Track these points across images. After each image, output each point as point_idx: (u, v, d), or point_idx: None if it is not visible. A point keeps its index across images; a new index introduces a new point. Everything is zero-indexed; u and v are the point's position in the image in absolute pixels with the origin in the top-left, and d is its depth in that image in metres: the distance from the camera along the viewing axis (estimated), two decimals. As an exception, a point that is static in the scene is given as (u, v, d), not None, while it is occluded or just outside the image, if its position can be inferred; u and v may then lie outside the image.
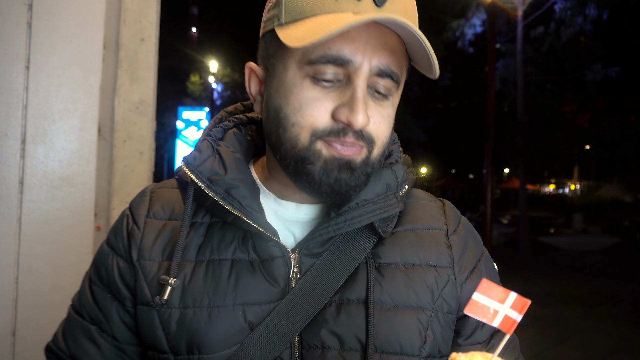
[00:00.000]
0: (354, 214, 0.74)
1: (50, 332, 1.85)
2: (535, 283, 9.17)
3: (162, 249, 0.79)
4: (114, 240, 0.83)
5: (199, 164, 0.77)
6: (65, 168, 1.76)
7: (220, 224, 0.79)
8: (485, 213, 10.89)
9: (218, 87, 25.15)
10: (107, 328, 0.81)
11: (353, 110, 0.68)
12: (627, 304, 7.83)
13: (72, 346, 0.83)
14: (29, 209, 1.72)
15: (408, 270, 0.78)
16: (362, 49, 0.68)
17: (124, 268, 0.80)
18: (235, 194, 0.75)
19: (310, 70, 0.69)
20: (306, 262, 0.76)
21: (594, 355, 5.46)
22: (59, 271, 1.74)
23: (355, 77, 0.68)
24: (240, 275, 0.75)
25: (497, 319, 0.55)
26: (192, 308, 0.74)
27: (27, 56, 1.71)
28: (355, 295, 0.75)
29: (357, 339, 0.73)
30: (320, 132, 0.70)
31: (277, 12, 0.72)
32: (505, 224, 18.87)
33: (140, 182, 1.92)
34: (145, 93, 1.93)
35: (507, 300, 0.55)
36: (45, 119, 1.74)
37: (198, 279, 0.75)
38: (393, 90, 0.73)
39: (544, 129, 13.68)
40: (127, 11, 1.91)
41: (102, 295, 0.82)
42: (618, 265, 11.81)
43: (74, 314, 0.86)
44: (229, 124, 0.86)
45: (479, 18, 16.46)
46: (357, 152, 0.72)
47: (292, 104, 0.71)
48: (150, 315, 0.76)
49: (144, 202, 0.84)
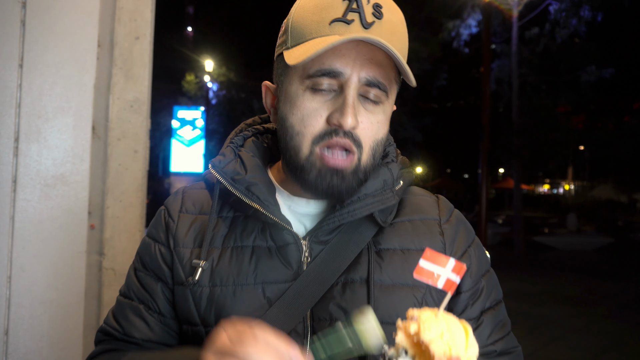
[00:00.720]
0: (355, 206, 0.87)
1: (44, 332, 1.84)
2: (529, 282, 9.22)
3: (193, 238, 0.93)
4: (154, 232, 0.98)
5: (224, 166, 0.92)
6: (59, 167, 1.76)
7: (242, 217, 0.93)
8: (480, 213, 10.93)
9: (213, 86, 25.07)
10: (153, 306, 0.94)
11: (343, 113, 0.81)
12: (620, 303, 7.89)
13: (124, 324, 0.95)
14: (22, 207, 1.71)
15: (404, 254, 0.90)
16: (352, 63, 0.81)
17: (165, 253, 0.94)
18: (254, 190, 0.89)
19: (309, 83, 0.84)
20: (315, 248, 0.89)
21: (587, 354, 5.50)
22: (52, 270, 1.73)
23: (346, 86, 0.82)
24: (260, 259, 0.88)
25: (440, 281, 0.65)
26: (219, 286, 0.87)
27: (20, 54, 1.70)
28: (358, 276, 0.87)
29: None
30: (317, 137, 0.84)
31: (285, 38, 0.87)
32: (500, 223, 18.95)
33: (135, 181, 1.92)
34: (139, 91, 1.93)
35: (448, 265, 0.66)
36: (39, 117, 1.73)
37: (224, 262, 0.89)
38: (383, 99, 0.86)
39: (539, 129, 13.74)
40: (122, 9, 1.90)
41: (148, 279, 0.95)
42: (611, 264, 11.89)
43: (123, 298, 0.98)
44: (248, 133, 1.02)
45: (474, 19, 16.49)
46: (348, 163, 0.85)
47: (296, 114, 0.85)
48: (184, 293, 0.89)
49: (177, 200, 1.00)
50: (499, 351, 0.92)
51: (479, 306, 0.93)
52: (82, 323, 1.78)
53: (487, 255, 1.00)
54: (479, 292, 0.94)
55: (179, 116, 23.54)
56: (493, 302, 0.96)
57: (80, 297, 1.77)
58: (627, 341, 6.02)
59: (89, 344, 1.82)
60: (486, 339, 0.91)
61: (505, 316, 0.97)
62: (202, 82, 24.90)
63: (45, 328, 1.72)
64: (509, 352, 0.94)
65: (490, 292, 0.96)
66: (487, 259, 1.00)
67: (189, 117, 24.32)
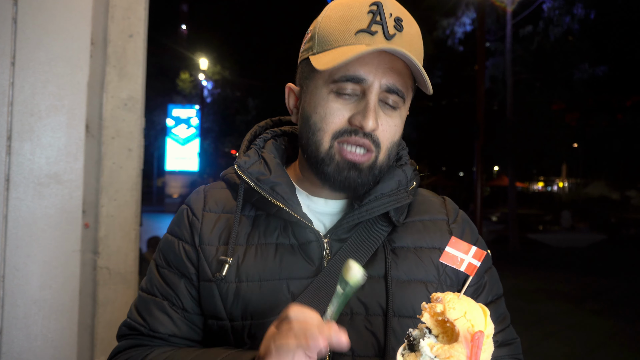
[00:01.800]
0: (373, 204, 0.94)
1: (38, 331, 1.83)
2: (524, 279, 9.27)
3: (218, 236, 0.97)
4: (178, 230, 1.01)
5: (249, 166, 0.97)
6: (53, 165, 1.75)
7: (264, 216, 0.98)
8: (475, 210, 10.97)
9: (208, 85, 24.98)
10: (177, 302, 0.97)
11: (365, 116, 0.89)
12: (613, 299, 7.96)
13: (149, 320, 0.97)
14: (15, 206, 1.70)
15: (417, 251, 0.97)
16: (374, 70, 0.89)
17: (189, 250, 0.98)
18: (279, 190, 0.94)
19: (334, 87, 0.91)
20: (335, 245, 0.95)
21: (581, 350, 5.55)
22: (46, 269, 1.72)
23: (369, 92, 0.89)
24: (284, 255, 0.93)
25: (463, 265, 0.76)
26: (246, 282, 0.92)
27: (12, 52, 1.69)
28: (376, 272, 0.94)
29: (379, 305, 0.91)
30: (337, 133, 0.91)
31: (312, 45, 0.93)
32: (495, 221, 19.04)
33: (129, 179, 1.91)
34: (133, 90, 1.92)
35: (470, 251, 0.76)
36: (31, 115, 1.72)
37: (249, 259, 0.93)
38: (400, 104, 0.93)
39: (533, 127, 13.80)
40: (115, 7, 1.89)
41: (171, 276, 0.98)
42: (604, 261, 11.98)
43: (146, 295, 1.00)
44: (268, 136, 1.07)
45: (468, 17, 16.53)
46: (365, 159, 0.91)
47: (319, 113, 0.92)
48: (211, 289, 0.93)
49: (199, 199, 1.03)
50: (500, 342, 0.98)
51: (482, 300, 0.99)
52: (76, 322, 1.77)
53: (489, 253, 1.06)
54: (482, 286, 1.00)
55: (173, 114, 23.45)
56: (494, 296, 1.03)
57: (74, 296, 1.77)
58: (620, 336, 6.08)
59: (83, 343, 1.82)
60: None
61: (505, 310, 1.04)
62: (197, 81, 24.81)
63: (40, 327, 1.71)
64: (509, 343, 1.01)
65: (492, 287, 1.02)
66: (489, 256, 1.06)
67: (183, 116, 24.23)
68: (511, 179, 14.79)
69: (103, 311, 1.87)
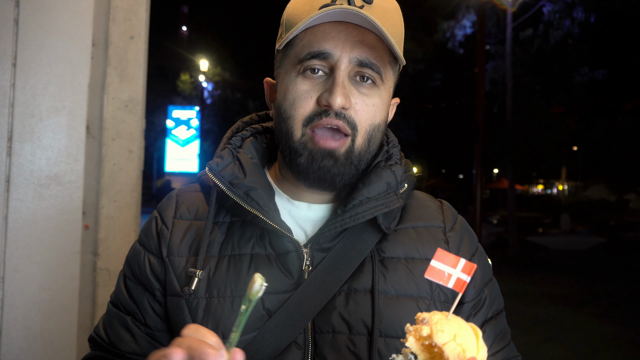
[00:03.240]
0: (358, 210, 0.84)
1: (38, 332, 1.83)
2: (523, 282, 9.26)
3: (188, 246, 0.89)
4: (145, 240, 0.94)
5: (221, 169, 0.88)
6: (53, 166, 1.75)
7: (239, 223, 0.90)
8: (475, 213, 10.97)
9: (208, 86, 24.99)
10: (140, 317, 0.91)
11: (332, 92, 0.80)
12: (612, 303, 7.95)
13: (110, 335, 0.92)
14: (16, 207, 1.70)
15: (409, 263, 0.87)
16: (341, 45, 0.82)
17: (155, 263, 0.90)
18: (253, 196, 0.86)
19: (300, 67, 0.83)
20: (317, 255, 0.86)
21: (580, 353, 5.54)
22: (46, 270, 1.72)
23: (336, 67, 0.82)
24: (259, 268, 0.84)
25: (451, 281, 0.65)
26: (217, 297, 0.83)
27: (14, 53, 1.69)
28: (362, 285, 0.84)
29: (364, 324, 0.82)
30: (307, 119, 0.83)
31: (281, 31, 0.87)
32: (494, 223, 19.03)
33: (129, 181, 1.91)
34: (134, 91, 1.92)
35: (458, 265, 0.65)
36: (32, 116, 1.72)
37: (221, 272, 0.85)
38: (378, 81, 0.85)
39: (533, 130, 13.82)
40: (116, 9, 1.89)
41: (135, 289, 0.92)
42: (604, 264, 11.98)
43: (112, 307, 0.95)
44: (247, 133, 0.98)
45: (469, 20, 16.57)
46: (340, 144, 0.83)
47: (288, 99, 0.85)
48: (179, 304, 0.85)
49: (170, 205, 0.95)
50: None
51: (481, 316, 0.91)
52: (76, 324, 1.77)
53: (489, 263, 0.98)
54: (481, 302, 0.91)
55: (173, 116, 23.44)
56: (495, 311, 0.94)
57: (74, 298, 1.76)
58: (619, 340, 6.07)
59: (82, 345, 1.81)
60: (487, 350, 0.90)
61: (506, 325, 0.96)
62: (197, 82, 24.82)
63: (39, 329, 1.71)
64: None
65: (493, 301, 0.93)
66: (490, 267, 0.98)
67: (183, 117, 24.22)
68: (511, 181, 14.80)
69: (102, 313, 1.86)
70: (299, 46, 0.84)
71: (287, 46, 0.87)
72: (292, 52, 0.85)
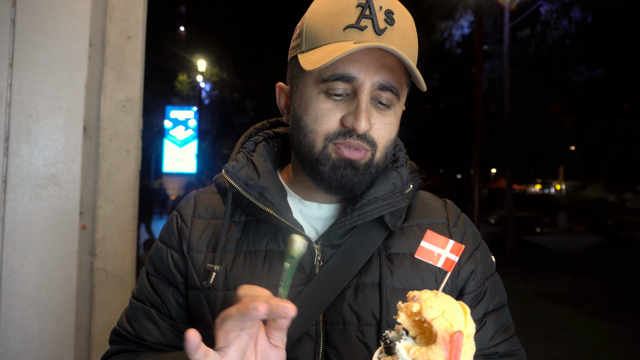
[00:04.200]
0: (366, 209, 0.89)
1: (35, 333, 1.83)
2: (521, 281, 9.28)
3: (207, 243, 0.95)
4: (167, 237, 0.99)
5: (237, 171, 0.94)
6: (50, 166, 1.74)
7: (254, 222, 0.95)
8: (473, 212, 10.99)
9: (206, 86, 24.97)
10: (164, 310, 0.96)
11: (357, 118, 0.84)
12: (610, 302, 7.97)
13: (136, 327, 0.96)
14: (13, 208, 1.69)
15: (414, 258, 0.89)
16: (365, 68, 0.84)
17: (177, 258, 0.96)
18: (267, 195, 0.91)
19: (324, 87, 0.86)
20: (328, 252, 0.91)
21: (578, 353, 5.55)
22: (43, 271, 1.72)
23: (360, 91, 0.85)
24: (273, 263, 0.90)
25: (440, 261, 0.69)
26: (234, 290, 0.88)
27: (10, 53, 1.69)
28: (370, 280, 0.90)
29: (373, 315, 0.87)
30: (331, 136, 0.87)
31: (300, 42, 0.89)
32: (492, 223, 19.06)
33: (127, 181, 1.91)
34: (131, 91, 1.92)
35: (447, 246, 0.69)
36: (29, 117, 1.72)
37: (238, 267, 0.90)
38: (394, 102, 0.89)
39: (530, 129, 13.84)
40: (113, 9, 1.89)
41: (160, 284, 0.97)
42: (602, 263, 12.00)
43: (135, 301, 1.00)
44: (259, 138, 1.04)
45: (466, 19, 16.59)
46: (361, 156, 0.88)
47: (310, 114, 0.88)
48: (199, 297, 0.91)
49: (189, 205, 1.01)
50: (501, 353, 0.94)
51: (481, 308, 0.95)
52: (73, 324, 1.76)
53: (492, 259, 1.03)
54: (482, 294, 0.95)
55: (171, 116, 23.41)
56: (496, 305, 0.97)
57: (71, 298, 1.76)
58: (617, 339, 6.09)
59: (80, 345, 1.81)
60: (488, 341, 0.93)
61: (509, 320, 0.99)
62: (195, 82, 24.79)
63: (36, 329, 1.71)
64: (512, 355, 0.96)
65: (494, 295, 0.97)
66: (493, 263, 1.02)
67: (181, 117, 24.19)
68: (508, 181, 14.82)
69: (100, 313, 1.87)
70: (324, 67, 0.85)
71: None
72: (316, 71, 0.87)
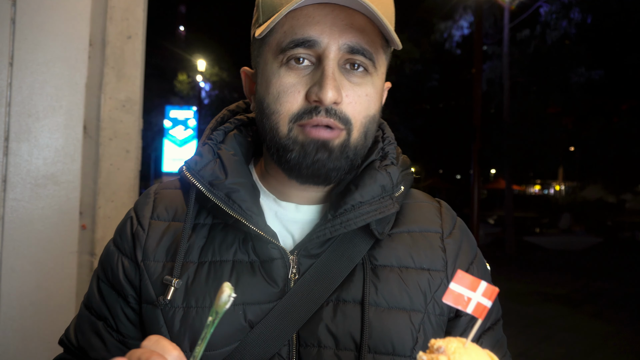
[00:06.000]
0: (349, 215, 0.77)
1: (34, 333, 1.82)
2: (520, 282, 9.29)
3: (166, 249, 0.81)
4: (120, 241, 0.86)
5: (200, 168, 0.80)
6: (50, 166, 1.74)
7: (221, 226, 0.82)
8: (472, 213, 11.00)
9: (206, 86, 24.97)
10: (112, 324, 0.84)
11: (322, 86, 0.71)
12: (608, 302, 7.98)
13: (80, 339, 0.86)
14: (13, 207, 1.69)
15: (402, 273, 0.80)
16: (328, 30, 0.72)
17: (128, 267, 0.83)
18: (235, 198, 0.78)
19: (283, 57, 0.75)
20: (305, 263, 0.79)
21: (576, 353, 5.56)
22: (43, 271, 1.72)
23: (324, 56, 0.73)
24: (241, 276, 0.77)
25: (470, 306, 0.59)
26: (195, 307, 0.77)
27: (10, 52, 1.68)
28: (351, 296, 0.78)
29: (352, 338, 0.75)
30: (295, 116, 0.74)
31: (257, 16, 0.79)
32: (492, 224, 19.08)
33: (127, 181, 1.91)
34: (131, 91, 1.92)
35: (479, 288, 0.60)
36: (29, 116, 1.72)
37: (200, 280, 0.78)
38: (370, 69, 0.77)
39: (530, 130, 13.86)
40: (113, 8, 1.89)
41: (108, 292, 0.85)
42: (600, 264, 12.02)
43: (84, 309, 0.89)
44: (230, 126, 0.89)
45: (466, 20, 16.61)
46: (334, 135, 0.75)
47: (272, 93, 0.76)
48: (154, 313, 0.79)
49: (148, 203, 0.87)
50: None
51: (479, 329, 0.85)
52: (73, 324, 1.76)
53: (488, 270, 0.94)
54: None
55: (171, 116, 23.39)
56: (493, 321, 0.89)
57: (71, 298, 1.76)
58: (615, 339, 6.10)
59: (80, 345, 1.81)
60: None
61: (502, 334, 0.91)
62: (195, 82, 24.78)
63: (35, 329, 1.71)
64: None
65: (492, 310, 0.88)
66: (489, 273, 0.93)
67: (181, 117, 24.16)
68: (508, 181, 14.84)
69: (99, 313, 1.86)
70: (279, 33, 0.75)
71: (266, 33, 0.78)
72: (273, 39, 0.76)
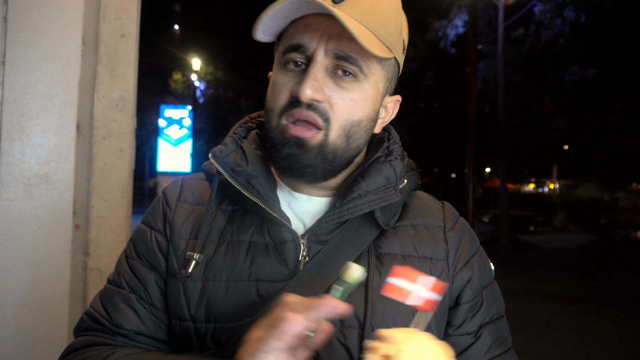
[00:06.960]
0: (356, 202, 0.84)
1: (28, 333, 1.81)
2: (515, 280, 9.34)
3: (190, 229, 0.90)
4: (152, 219, 0.94)
5: (224, 156, 0.88)
6: (43, 165, 1.73)
7: (241, 212, 0.90)
8: (467, 211, 11.03)
9: (201, 85, 24.89)
10: (145, 296, 0.89)
11: (301, 84, 0.79)
12: (602, 300, 8.04)
13: (112, 313, 0.89)
14: (5, 207, 1.68)
15: (405, 260, 0.87)
16: (318, 37, 0.80)
17: (161, 241, 0.91)
18: (254, 184, 0.86)
19: (282, 60, 0.84)
20: (314, 247, 0.86)
21: (571, 350, 5.59)
22: (36, 270, 1.71)
23: (311, 59, 0.81)
24: (256, 255, 0.85)
25: (411, 298, 0.61)
26: (212, 281, 0.84)
27: (2, 51, 1.67)
28: None
29: (357, 317, 0.81)
30: (282, 110, 0.83)
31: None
32: (487, 222, 19.17)
33: (120, 180, 1.90)
34: (125, 90, 1.91)
35: (419, 281, 0.62)
36: (21, 115, 1.71)
37: (219, 257, 0.85)
38: (359, 76, 0.82)
39: (524, 129, 13.91)
40: (106, 7, 1.88)
41: (141, 268, 0.91)
42: (594, 262, 12.10)
43: (112, 286, 0.93)
44: (253, 125, 0.99)
45: (461, 19, 16.64)
46: (311, 135, 0.82)
47: (270, 91, 0.86)
48: (176, 286, 0.85)
49: (176, 188, 0.96)
50: None
51: (478, 320, 0.89)
52: (66, 324, 1.75)
53: (490, 267, 0.97)
54: (478, 304, 0.90)
55: (165, 115, 23.29)
56: (494, 316, 0.92)
57: (64, 298, 1.75)
58: (610, 336, 6.14)
59: (74, 345, 1.80)
60: (483, 355, 0.88)
61: (507, 332, 0.93)
62: (189, 81, 24.69)
63: (29, 329, 1.70)
64: None
65: (491, 305, 0.91)
66: (491, 271, 0.97)
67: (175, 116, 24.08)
68: (503, 180, 14.89)
69: (94, 313, 1.86)
70: (284, 39, 0.85)
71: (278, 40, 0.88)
72: (280, 45, 0.86)
